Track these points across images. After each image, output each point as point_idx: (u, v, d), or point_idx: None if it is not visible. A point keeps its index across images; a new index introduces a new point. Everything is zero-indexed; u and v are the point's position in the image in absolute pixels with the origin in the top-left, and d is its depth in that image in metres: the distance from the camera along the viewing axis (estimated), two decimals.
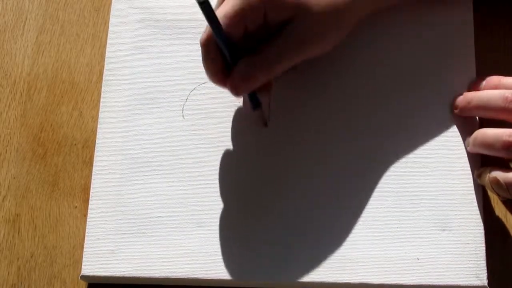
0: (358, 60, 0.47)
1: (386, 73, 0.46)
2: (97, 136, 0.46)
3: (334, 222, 0.43)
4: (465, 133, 0.44)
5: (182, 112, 0.46)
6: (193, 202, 0.44)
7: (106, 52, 0.48)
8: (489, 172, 0.41)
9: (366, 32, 0.47)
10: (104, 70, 0.47)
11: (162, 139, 0.46)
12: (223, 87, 0.42)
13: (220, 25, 0.39)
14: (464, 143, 0.44)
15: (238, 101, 0.46)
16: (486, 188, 0.42)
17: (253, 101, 0.44)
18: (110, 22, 0.48)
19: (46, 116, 0.48)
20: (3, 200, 0.46)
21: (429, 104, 0.45)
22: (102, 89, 0.47)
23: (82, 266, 0.43)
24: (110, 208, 0.44)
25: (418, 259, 0.42)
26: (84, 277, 0.43)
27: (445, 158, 0.44)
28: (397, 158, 0.44)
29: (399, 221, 0.43)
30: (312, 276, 0.42)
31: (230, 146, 0.45)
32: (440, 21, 0.47)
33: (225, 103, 0.46)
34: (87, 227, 0.44)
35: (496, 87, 0.43)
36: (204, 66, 0.41)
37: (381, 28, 0.47)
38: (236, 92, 0.41)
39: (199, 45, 0.40)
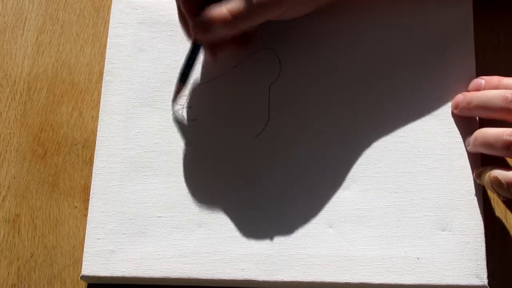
0: (357, 60, 0.47)
1: (386, 73, 0.46)
2: (97, 136, 0.46)
3: (334, 222, 0.43)
4: (465, 133, 0.44)
5: (182, 112, 0.46)
6: (193, 202, 0.44)
7: (106, 53, 0.48)
8: (490, 172, 0.41)
9: (365, 31, 0.47)
10: (104, 71, 0.47)
11: (162, 139, 0.46)
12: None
13: None
14: (464, 143, 0.44)
15: (238, 101, 0.46)
16: (486, 187, 0.42)
17: (183, 74, 0.45)
18: (110, 22, 0.48)
19: (46, 116, 0.48)
20: (3, 200, 0.46)
21: (429, 104, 0.45)
22: (102, 89, 0.47)
23: (82, 266, 0.43)
24: (110, 208, 0.44)
25: (418, 259, 0.42)
26: (84, 277, 0.43)
27: (445, 158, 0.44)
28: (397, 158, 0.44)
29: (399, 221, 0.43)
30: (312, 276, 0.42)
31: (230, 145, 0.45)
32: (440, 21, 0.47)
33: (225, 103, 0.46)
34: (87, 227, 0.44)
35: (496, 87, 0.43)
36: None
37: (381, 27, 0.47)
38: (193, 35, 0.43)
39: None
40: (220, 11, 0.41)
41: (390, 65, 0.46)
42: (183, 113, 0.46)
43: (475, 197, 0.43)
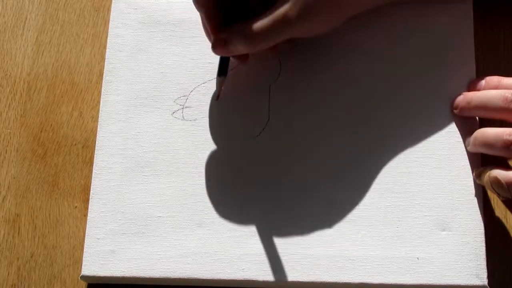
0: (357, 60, 0.47)
1: (385, 73, 0.46)
2: (97, 136, 0.46)
3: (334, 222, 0.43)
4: (465, 133, 0.44)
5: (182, 112, 0.46)
6: (193, 202, 0.44)
7: (106, 53, 0.48)
8: (489, 172, 0.41)
9: (365, 32, 0.47)
10: (104, 71, 0.47)
11: (162, 139, 0.46)
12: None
13: None
14: (464, 143, 0.44)
15: (238, 101, 0.46)
16: (486, 187, 0.42)
17: (222, 67, 0.44)
18: (110, 22, 0.48)
19: (46, 116, 0.48)
20: (3, 200, 0.46)
21: (429, 104, 0.45)
22: (102, 89, 0.47)
23: (82, 266, 0.43)
24: (110, 208, 0.44)
25: (418, 259, 0.42)
26: (84, 277, 0.43)
27: (445, 158, 0.44)
28: (397, 158, 0.44)
29: (399, 221, 0.43)
30: (312, 276, 0.42)
31: (230, 145, 0.45)
32: (440, 21, 0.47)
33: (225, 103, 0.46)
34: (87, 227, 0.44)
35: (496, 87, 0.43)
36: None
37: (381, 28, 0.47)
38: (213, 51, 0.42)
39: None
40: (240, 29, 0.41)
41: (389, 65, 0.46)
42: (183, 113, 0.46)
43: (475, 198, 0.43)
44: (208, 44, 0.43)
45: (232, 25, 0.42)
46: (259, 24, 0.41)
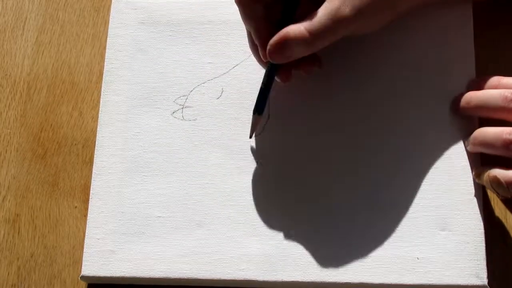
0: (357, 60, 0.46)
1: (386, 73, 0.46)
2: (97, 136, 0.46)
3: (334, 222, 0.43)
4: (465, 133, 0.44)
5: (182, 112, 0.46)
6: (193, 202, 0.44)
7: (106, 53, 0.48)
8: (489, 171, 0.41)
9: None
10: (104, 71, 0.47)
11: (162, 139, 0.46)
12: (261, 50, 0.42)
13: None
14: (464, 143, 0.44)
15: (238, 100, 0.46)
16: (486, 187, 0.42)
17: (259, 105, 0.43)
18: (110, 22, 0.49)
19: (46, 116, 0.48)
20: (3, 200, 0.46)
21: (429, 104, 0.45)
22: (102, 89, 0.47)
23: (82, 266, 0.43)
24: (110, 208, 0.44)
25: (418, 259, 0.42)
26: (84, 277, 0.43)
27: (445, 158, 0.44)
28: (397, 158, 0.44)
29: (399, 221, 0.43)
30: (312, 276, 0.42)
31: (229, 145, 0.45)
32: (440, 21, 0.47)
33: (225, 103, 0.46)
34: (87, 227, 0.44)
35: (495, 87, 0.43)
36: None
37: (381, 28, 0.47)
38: (271, 58, 0.41)
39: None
40: (298, 29, 0.40)
41: (389, 65, 0.46)
42: (182, 113, 0.46)
43: (475, 197, 0.43)
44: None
45: (285, 28, 0.40)
46: (316, 23, 0.40)
